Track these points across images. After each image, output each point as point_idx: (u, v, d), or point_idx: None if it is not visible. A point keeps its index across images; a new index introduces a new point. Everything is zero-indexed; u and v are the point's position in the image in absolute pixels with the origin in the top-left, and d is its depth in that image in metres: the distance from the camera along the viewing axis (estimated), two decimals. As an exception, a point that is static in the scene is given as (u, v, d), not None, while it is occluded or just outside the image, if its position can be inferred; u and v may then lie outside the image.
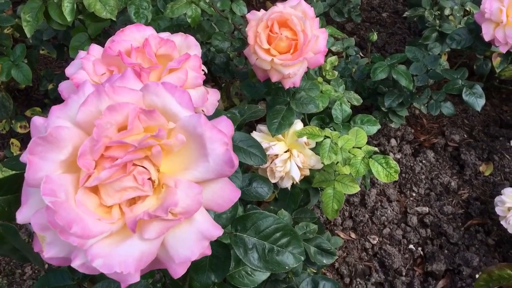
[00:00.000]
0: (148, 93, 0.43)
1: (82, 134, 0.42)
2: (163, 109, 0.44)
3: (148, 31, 0.62)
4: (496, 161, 1.78)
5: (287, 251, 0.61)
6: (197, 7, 1.07)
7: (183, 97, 0.46)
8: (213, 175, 0.43)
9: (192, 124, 0.43)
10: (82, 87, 0.44)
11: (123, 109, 0.41)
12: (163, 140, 0.43)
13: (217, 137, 0.43)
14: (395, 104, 1.49)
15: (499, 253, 1.58)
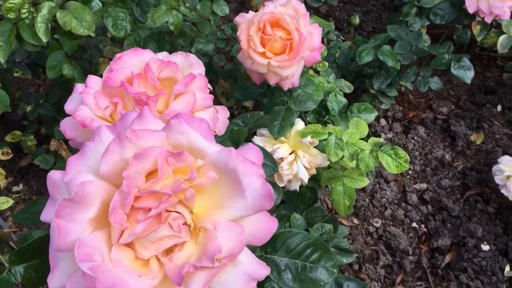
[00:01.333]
0: (172, 133, 0.40)
1: (109, 187, 0.39)
2: (189, 147, 0.41)
3: (147, 55, 0.58)
4: (486, 128, 1.79)
5: (320, 266, 0.59)
6: (178, 13, 1.03)
7: (203, 127, 0.43)
8: (252, 211, 0.40)
9: (222, 159, 0.40)
10: (97, 133, 0.41)
11: (150, 155, 0.37)
12: (195, 181, 0.40)
13: (251, 170, 0.40)
14: (384, 85, 1.48)
15: (500, 220, 1.60)
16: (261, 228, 0.42)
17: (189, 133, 0.40)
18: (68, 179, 0.38)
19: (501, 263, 1.51)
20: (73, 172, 0.39)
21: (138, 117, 0.41)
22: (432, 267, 1.52)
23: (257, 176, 0.40)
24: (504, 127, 1.81)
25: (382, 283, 1.48)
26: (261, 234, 0.43)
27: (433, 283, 1.49)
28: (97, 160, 0.39)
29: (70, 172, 0.39)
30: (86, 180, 0.37)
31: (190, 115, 0.45)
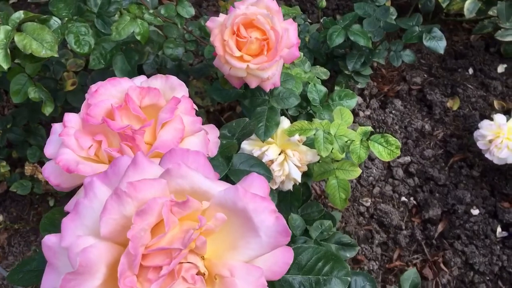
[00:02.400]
0: (172, 178, 0.37)
1: (112, 247, 0.35)
2: (192, 190, 0.38)
3: (125, 83, 0.54)
4: (461, 93, 1.80)
5: (333, 277, 0.57)
6: (143, 22, 0.98)
7: (200, 162, 0.41)
8: (268, 249, 0.38)
9: (230, 199, 0.37)
10: (90, 188, 0.37)
11: (153, 209, 0.34)
12: (204, 227, 0.37)
13: (262, 207, 0.37)
14: (358, 65, 1.46)
15: (486, 183, 1.62)
16: (277, 261, 0.40)
17: (190, 176, 0.38)
18: (67, 244, 0.35)
19: (492, 225, 1.53)
20: (70, 236, 0.36)
21: (132, 165, 0.38)
22: (426, 238, 1.53)
23: (269, 212, 0.37)
24: (478, 90, 1.82)
25: (380, 262, 1.49)
26: (278, 267, 0.40)
27: (429, 254, 1.50)
28: (94, 219, 0.36)
29: (67, 236, 0.36)
30: (87, 246, 0.34)
31: (184, 150, 0.42)
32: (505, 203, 1.58)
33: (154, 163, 0.39)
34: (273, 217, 0.37)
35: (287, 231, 0.37)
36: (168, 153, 0.42)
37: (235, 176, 0.71)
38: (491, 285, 1.45)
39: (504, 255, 1.48)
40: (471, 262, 1.47)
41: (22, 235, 1.61)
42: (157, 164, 0.39)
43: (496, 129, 1.40)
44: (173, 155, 0.42)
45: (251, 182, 0.41)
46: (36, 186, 1.46)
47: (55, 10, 1.02)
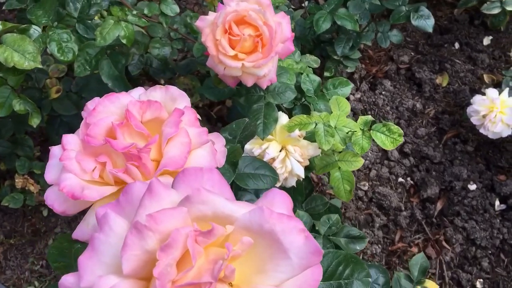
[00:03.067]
0: (193, 205, 0.35)
1: (136, 284, 0.33)
2: (214, 215, 0.36)
3: (123, 99, 0.51)
4: (449, 69, 1.79)
5: (354, 280, 0.56)
6: (128, 24, 0.94)
7: (215, 179, 0.38)
8: (299, 270, 0.36)
9: (256, 222, 0.35)
10: (105, 221, 0.35)
11: (178, 242, 0.32)
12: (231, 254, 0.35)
13: (290, 227, 0.35)
14: (347, 50, 1.45)
15: (481, 157, 1.62)
16: (306, 280, 0.38)
17: (212, 201, 0.35)
18: (86, 285, 0.33)
19: (490, 198, 1.54)
20: (89, 275, 0.33)
21: (148, 193, 0.35)
22: (426, 217, 1.53)
23: (297, 231, 0.35)
24: (465, 64, 1.81)
25: (382, 245, 1.49)
26: (308, 286, 0.38)
27: (430, 233, 1.50)
28: (113, 255, 0.34)
29: (86, 276, 0.33)
30: (111, 286, 0.32)
31: (197, 170, 0.39)
32: (501, 176, 1.58)
33: (170, 189, 0.37)
34: (302, 237, 0.35)
35: (318, 250, 0.35)
36: (181, 174, 0.40)
37: (240, 180, 0.69)
38: (493, 259, 1.47)
39: (504, 227, 1.49)
40: (473, 238, 1.48)
41: (18, 248, 1.57)
42: (173, 190, 0.37)
43: (489, 103, 1.39)
44: (186, 176, 0.40)
45: (272, 198, 0.39)
46: (29, 198, 1.42)
47: (34, 18, 0.98)
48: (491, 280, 1.44)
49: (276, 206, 0.38)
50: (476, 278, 1.43)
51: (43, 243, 1.55)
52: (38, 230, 1.56)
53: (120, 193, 0.48)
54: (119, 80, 1.02)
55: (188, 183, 0.40)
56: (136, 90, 0.55)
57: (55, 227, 1.57)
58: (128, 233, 0.33)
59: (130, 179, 0.48)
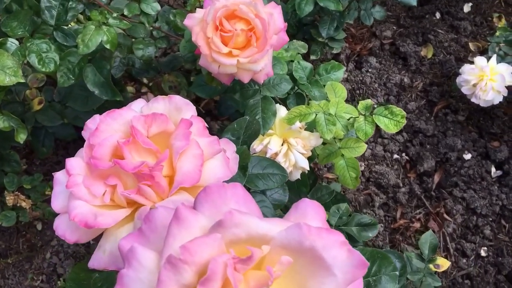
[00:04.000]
0: (226, 230, 0.32)
1: (176, 323, 0.31)
2: (249, 236, 0.33)
3: (125, 114, 0.48)
4: (433, 40, 1.78)
5: (382, 275, 0.54)
6: (110, 28, 0.90)
7: (239, 195, 0.36)
8: (344, 286, 0.34)
9: (294, 239, 0.33)
10: (132, 256, 0.32)
11: (217, 273, 0.30)
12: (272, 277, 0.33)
13: (331, 241, 0.33)
14: (332, 31, 1.42)
15: (473, 125, 1.62)
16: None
17: (245, 222, 0.33)
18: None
19: (486, 166, 1.54)
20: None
21: (175, 221, 0.33)
22: (425, 191, 1.53)
23: (339, 245, 0.33)
24: (448, 33, 1.80)
25: (384, 223, 1.48)
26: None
27: (431, 207, 1.50)
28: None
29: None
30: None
31: (219, 187, 0.37)
32: (494, 143, 1.59)
33: (198, 213, 0.34)
34: (345, 251, 0.33)
35: (363, 263, 0.33)
36: (202, 194, 0.38)
37: (250, 182, 0.66)
38: (495, 226, 1.47)
39: (503, 193, 1.50)
40: (473, 207, 1.48)
41: (16, 265, 1.53)
42: (200, 214, 0.34)
43: (479, 72, 1.38)
44: (209, 195, 0.37)
45: (304, 210, 0.36)
46: (22, 215, 1.38)
47: (9, 30, 0.93)
48: (494, 247, 1.45)
49: (310, 219, 0.36)
50: (480, 247, 1.44)
51: (40, 258, 1.52)
52: (34, 245, 1.53)
53: (136, 216, 0.46)
54: (106, 87, 0.98)
55: (213, 203, 0.37)
56: (137, 103, 0.52)
57: (51, 240, 1.54)
58: (162, 269, 0.30)
59: (144, 200, 0.45)
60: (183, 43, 0.94)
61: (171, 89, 1.41)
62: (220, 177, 0.47)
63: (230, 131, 0.70)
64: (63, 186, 0.46)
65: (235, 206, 0.38)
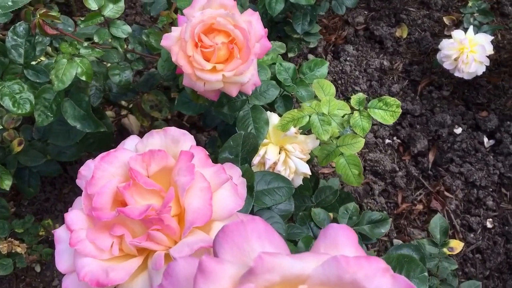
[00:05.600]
0: (259, 277, 0.30)
1: None
2: (283, 279, 0.30)
3: (120, 156, 0.45)
4: (405, 19, 1.77)
5: (411, 279, 0.52)
6: (83, 58, 0.86)
7: (260, 228, 0.34)
8: (393, 313, 0.31)
9: (333, 275, 0.30)
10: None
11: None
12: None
13: (372, 270, 0.30)
14: (306, 26, 1.39)
15: (459, 99, 1.62)
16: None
17: (277, 266, 0.30)
18: None
19: (478, 137, 1.54)
20: None
21: (200, 275, 0.30)
22: (422, 172, 1.52)
23: (382, 272, 0.30)
24: (420, 10, 1.80)
25: (387, 210, 1.47)
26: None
27: (430, 187, 1.49)
28: None
29: None
30: None
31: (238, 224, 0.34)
32: (482, 113, 1.59)
33: (224, 262, 0.31)
34: (389, 277, 0.30)
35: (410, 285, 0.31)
36: (221, 235, 0.35)
37: (257, 200, 0.64)
38: (496, 195, 1.47)
39: (499, 162, 1.50)
40: (471, 180, 1.48)
41: (19, 311, 1.49)
42: (226, 262, 0.31)
43: (458, 45, 1.37)
44: (228, 235, 0.34)
45: (334, 238, 0.34)
46: (18, 261, 1.33)
47: (-23, 75, 0.88)
48: (499, 217, 1.44)
49: (342, 246, 0.33)
50: (485, 219, 1.44)
51: (43, 300, 1.47)
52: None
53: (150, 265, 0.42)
54: (87, 119, 0.94)
55: (234, 244, 0.34)
56: (130, 141, 0.49)
57: (52, 281, 1.49)
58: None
59: (156, 246, 0.42)
60: (160, 63, 0.91)
61: (152, 108, 1.37)
62: (232, 208, 0.44)
63: (227, 150, 0.67)
64: (66, 243, 0.42)
65: (258, 243, 0.35)
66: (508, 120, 1.54)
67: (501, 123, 1.54)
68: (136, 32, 1.17)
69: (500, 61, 1.65)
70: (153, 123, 1.41)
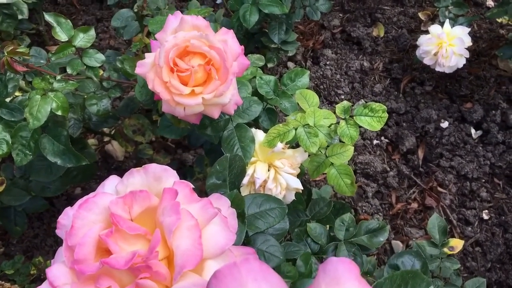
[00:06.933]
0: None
1: None
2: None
3: (101, 201, 0.42)
4: (381, 18, 1.77)
5: (418, 294, 0.50)
6: (57, 93, 0.84)
7: (264, 272, 0.31)
8: None
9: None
10: None
11: None
12: None
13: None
14: (283, 35, 1.38)
15: (442, 93, 1.61)
16: None
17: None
18: None
19: (465, 129, 1.53)
20: None
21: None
22: (413, 169, 1.51)
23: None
24: (394, 8, 1.79)
25: (382, 212, 1.45)
26: None
27: (423, 184, 1.48)
28: None
29: None
30: None
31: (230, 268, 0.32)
32: (467, 104, 1.58)
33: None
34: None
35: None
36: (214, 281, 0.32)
37: (250, 225, 0.61)
38: (489, 186, 1.46)
39: (488, 152, 1.49)
40: (463, 173, 1.47)
41: None
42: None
43: (436, 40, 1.37)
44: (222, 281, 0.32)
45: (335, 272, 0.31)
46: (12, 301, 1.29)
47: (-52, 120, 0.85)
48: (494, 207, 1.44)
49: (344, 281, 0.31)
50: (481, 211, 1.43)
51: None
52: (32, 329, 1.43)
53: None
54: (68, 154, 0.91)
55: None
56: (110, 182, 0.46)
57: (50, 319, 1.44)
58: None
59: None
60: (138, 88, 0.88)
61: (135, 132, 1.35)
62: (223, 244, 0.41)
63: (214, 175, 0.65)
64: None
65: (255, 285, 0.33)
66: (493, 110, 1.54)
67: (486, 113, 1.54)
68: (111, 57, 1.15)
69: (479, 51, 1.65)
70: (137, 147, 1.38)
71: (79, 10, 1.85)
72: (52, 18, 0.90)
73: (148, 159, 1.39)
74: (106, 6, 1.82)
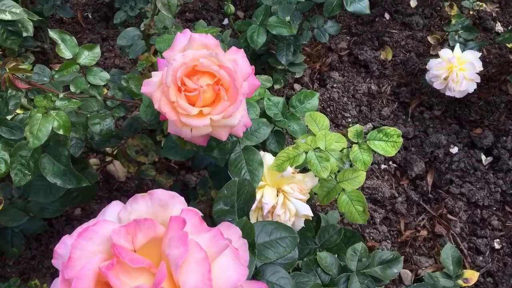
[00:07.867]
0: None
1: None
2: None
3: (102, 230, 0.39)
4: (389, 41, 1.75)
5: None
6: (59, 111, 0.81)
7: None
8: None
9: None
10: None
11: None
12: None
13: None
14: (290, 56, 1.36)
15: (451, 117, 1.58)
16: None
17: None
18: None
19: (475, 155, 1.50)
20: None
21: None
22: (422, 196, 1.47)
23: None
24: (402, 31, 1.78)
25: (390, 239, 1.41)
26: None
27: (432, 210, 1.44)
28: None
29: None
30: None
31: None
32: (477, 130, 1.55)
33: None
34: None
35: None
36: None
37: (260, 255, 0.57)
38: (501, 214, 1.42)
39: (499, 179, 1.46)
40: (474, 200, 1.43)
41: None
42: None
43: (447, 64, 1.34)
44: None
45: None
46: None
47: None
48: (506, 236, 1.39)
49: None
50: (492, 240, 1.38)
51: None
52: None
53: None
54: (68, 175, 0.88)
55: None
56: (112, 209, 0.43)
57: None
58: None
59: (150, 334, 0.36)
60: (143, 108, 0.85)
61: (138, 153, 1.31)
62: (235, 280, 0.38)
63: (221, 200, 0.61)
64: None
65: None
66: (503, 136, 1.50)
67: (497, 139, 1.50)
68: (115, 76, 1.13)
69: (489, 76, 1.63)
70: (140, 168, 1.35)
71: (85, 28, 1.84)
72: (56, 35, 0.88)
73: (151, 180, 1.36)
74: (112, 25, 1.81)
